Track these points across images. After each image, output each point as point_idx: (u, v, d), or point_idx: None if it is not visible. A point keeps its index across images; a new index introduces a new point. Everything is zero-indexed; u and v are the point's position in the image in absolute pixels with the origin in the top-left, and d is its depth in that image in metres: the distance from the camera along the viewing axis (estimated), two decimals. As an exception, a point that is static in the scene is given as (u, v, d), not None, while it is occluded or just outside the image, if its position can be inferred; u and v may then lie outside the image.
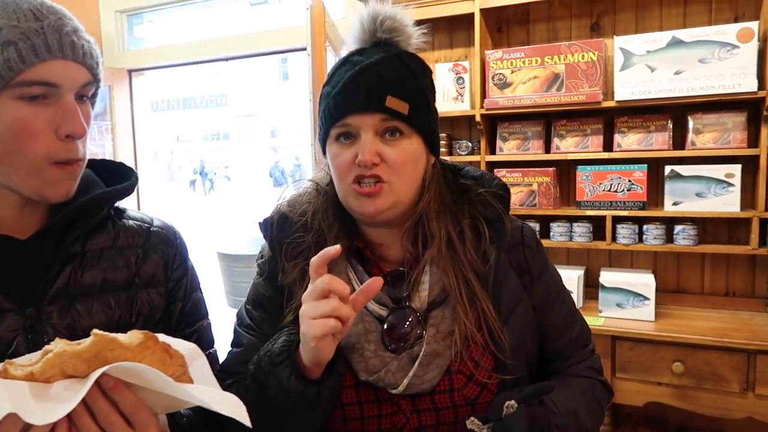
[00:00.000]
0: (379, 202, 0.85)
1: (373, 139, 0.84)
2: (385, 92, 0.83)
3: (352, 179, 0.85)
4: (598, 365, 1.02)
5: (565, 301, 1.01)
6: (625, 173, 2.32)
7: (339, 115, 0.85)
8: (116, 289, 0.88)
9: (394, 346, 0.87)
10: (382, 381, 0.86)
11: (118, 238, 0.91)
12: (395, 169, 0.85)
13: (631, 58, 2.22)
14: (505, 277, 0.92)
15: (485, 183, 0.95)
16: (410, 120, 0.86)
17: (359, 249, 0.93)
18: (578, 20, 2.51)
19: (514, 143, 2.54)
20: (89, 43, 0.79)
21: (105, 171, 0.96)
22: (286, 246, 0.93)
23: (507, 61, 2.41)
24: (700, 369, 2.08)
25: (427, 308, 0.89)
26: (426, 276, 0.90)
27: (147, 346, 0.64)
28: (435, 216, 0.91)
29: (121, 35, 3.77)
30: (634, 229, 2.34)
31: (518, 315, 0.91)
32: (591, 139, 2.41)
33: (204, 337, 0.99)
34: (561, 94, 2.33)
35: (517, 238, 0.96)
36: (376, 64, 0.85)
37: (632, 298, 2.29)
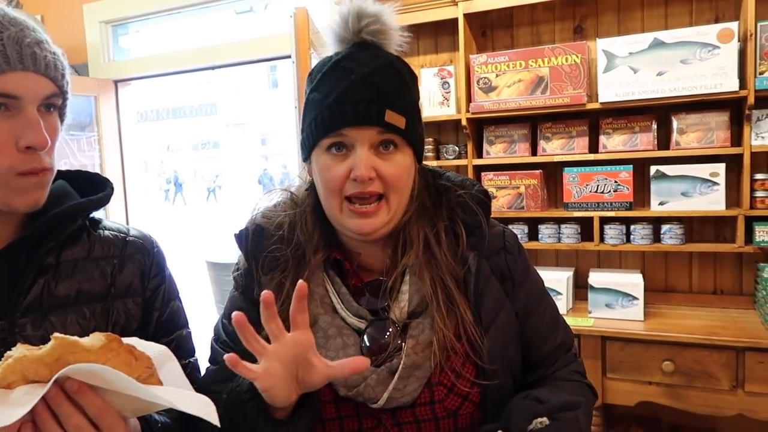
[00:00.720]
0: (376, 222, 0.84)
1: (368, 154, 0.82)
2: (385, 106, 0.81)
3: (346, 195, 0.83)
4: (582, 368, 1.02)
5: (547, 306, 1.00)
6: (611, 174, 2.34)
7: (335, 127, 0.82)
8: (91, 300, 0.87)
9: (374, 358, 0.85)
10: (361, 396, 0.84)
11: (93, 249, 0.90)
12: (390, 184, 0.83)
13: (614, 60, 2.23)
14: (487, 284, 0.90)
15: (466, 187, 0.93)
16: (406, 134, 0.84)
17: (338, 260, 0.91)
18: (561, 23, 2.53)
19: (501, 146, 2.55)
20: (54, 54, 0.79)
21: (80, 182, 0.96)
22: (263, 259, 0.91)
23: (491, 65, 2.42)
24: (690, 367, 2.09)
25: (406, 318, 0.87)
26: (405, 285, 0.89)
27: (110, 348, 0.63)
28: (415, 221, 0.89)
29: (107, 46, 3.75)
30: (622, 229, 2.35)
31: (501, 322, 0.90)
32: (577, 140, 2.42)
33: (183, 346, 0.98)
34: (546, 97, 2.34)
35: (499, 243, 0.95)
36: (372, 74, 0.82)
37: (621, 298, 2.29)
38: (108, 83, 3.72)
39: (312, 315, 0.87)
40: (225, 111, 29.91)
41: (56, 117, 0.82)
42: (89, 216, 0.93)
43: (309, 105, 0.87)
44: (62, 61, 0.81)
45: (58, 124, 0.82)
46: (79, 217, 0.89)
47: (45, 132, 0.76)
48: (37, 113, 0.77)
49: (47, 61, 0.77)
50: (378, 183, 0.83)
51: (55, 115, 0.81)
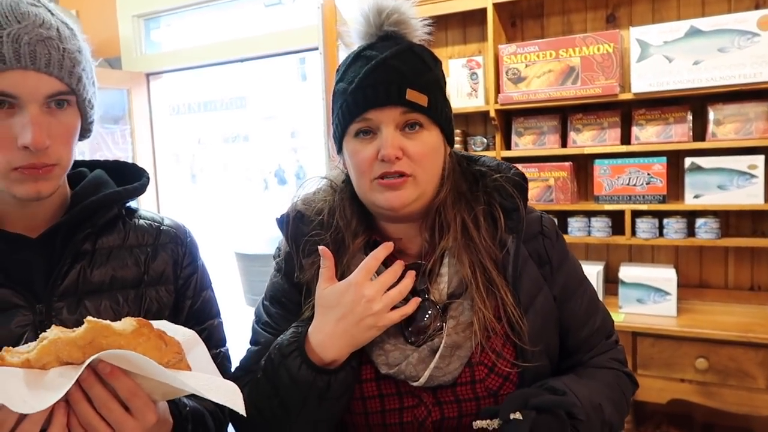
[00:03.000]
0: (404, 195, 0.85)
1: (394, 133, 0.84)
2: (405, 85, 0.83)
3: (374, 176, 0.85)
4: (622, 356, 1.00)
5: (586, 291, 0.99)
6: (643, 166, 2.28)
7: (358, 111, 0.84)
8: (125, 286, 0.89)
9: (414, 339, 0.87)
10: (403, 373, 0.86)
11: (128, 237, 0.92)
12: (418, 162, 0.85)
13: (648, 48, 2.17)
14: (525, 266, 0.90)
15: (502, 171, 0.94)
16: (430, 112, 0.85)
17: (377, 242, 0.92)
18: (593, 12, 2.47)
19: (530, 138, 2.51)
20: (65, 51, 0.78)
21: (118, 172, 0.98)
22: (304, 243, 0.93)
23: (521, 55, 2.38)
24: (725, 365, 2.03)
25: (446, 300, 0.89)
26: (444, 268, 0.90)
27: (141, 333, 0.64)
28: (451, 205, 0.90)
29: (139, 39, 3.81)
30: (654, 223, 2.30)
31: (539, 305, 0.90)
32: (608, 132, 2.37)
33: (214, 335, 0.99)
34: (576, 88, 2.29)
35: (536, 228, 0.95)
36: (391, 58, 0.85)
37: (653, 293, 2.24)
38: (140, 76, 3.79)
39: None
40: (255, 104, 30.18)
41: (70, 114, 0.81)
42: (125, 205, 0.95)
43: (335, 96, 0.90)
44: (76, 57, 0.80)
45: (71, 121, 0.81)
46: (115, 206, 0.92)
47: (43, 132, 0.75)
48: (41, 112, 0.76)
49: (50, 59, 0.75)
50: (405, 162, 0.84)
51: (68, 111, 0.80)
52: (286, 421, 0.83)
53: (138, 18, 3.80)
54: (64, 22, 0.81)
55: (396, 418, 0.87)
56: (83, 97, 0.82)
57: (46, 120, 0.76)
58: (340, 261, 0.91)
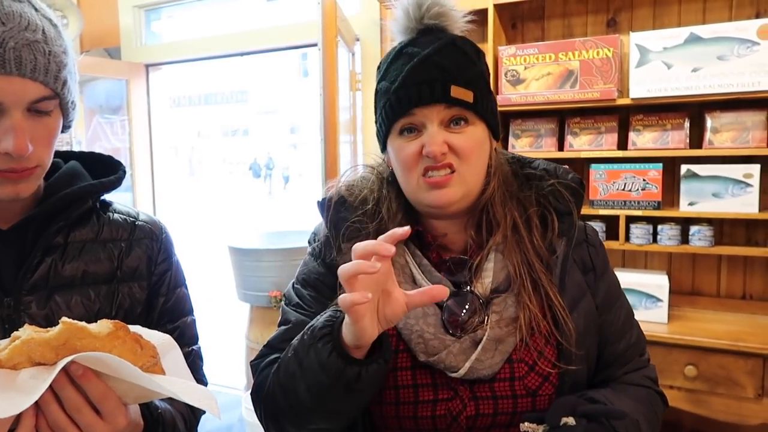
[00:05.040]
0: (450, 192, 0.85)
1: (439, 130, 0.84)
2: (449, 82, 0.83)
3: (420, 171, 0.85)
4: (654, 375, 0.99)
5: (623, 304, 0.99)
6: (639, 172, 2.28)
7: (402, 111, 0.85)
8: (97, 281, 0.88)
9: (453, 331, 0.86)
10: (442, 363, 0.85)
11: (102, 231, 0.91)
12: (464, 158, 0.85)
13: (648, 54, 2.17)
14: (570, 271, 0.90)
15: (559, 175, 0.93)
16: (476, 107, 0.85)
17: (419, 232, 0.92)
18: (594, 16, 2.47)
19: (527, 140, 2.51)
20: (50, 54, 0.76)
21: (93, 163, 0.96)
22: (345, 228, 0.93)
23: (520, 57, 2.38)
24: (714, 373, 2.03)
25: (489, 295, 0.88)
26: (490, 263, 0.89)
27: (117, 335, 0.64)
28: (500, 203, 0.90)
29: (139, 30, 3.80)
30: (648, 229, 2.29)
31: (582, 310, 0.90)
32: (605, 137, 2.37)
33: (186, 333, 0.98)
34: (575, 91, 2.29)
35: (581, 235, 0.95)
36: (434, 54, 0.84)
37: (645, 299, 2.24)
38: (139, 67, 3.77)
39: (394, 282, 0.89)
40: (255, 99, 30.13)
41: (53, 116, 0.79)
42: (100, 198, 0.94)
43: (378, 95, 0.91)
44: (61, 59, 0.78)
45: (53, 123, 0.80)
46: (90, 199, 0.90)
47: (25, 138, 0.74)
48: (24, 117, 0.75)
49: (36, 64, 0.73)
50: (451, 157, 0.84)
51: (51, 115, 0.79)
52: (309, 405, 0.81)
53: (139, 8, 3.79)
54: (49, 19, 0.78)
55: (428, 411, 0.85)
56: (67, 99, 0.80)
57: (28, 125, 0.75)
58: None
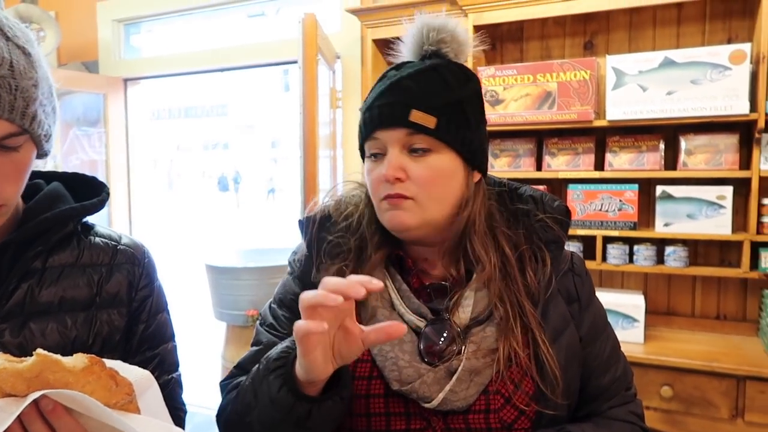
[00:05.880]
0: (404, 216, 0.83)
1: (398, 155, 0.82)
2: (410, 106, 0.81)
3: (381, 196, 0.84)
4: (640, 411, 0.96)
5: (610, 336, 0.96)
6: (616, 193, 2.30)
7: (367, 132, 0.85)
8: (75, 308, 0.85)
9: (429, 360, 0.84)
10: (415, 392, 0.82)
11: (82, 256, 0.88)
12: (421, 186, 0.82)
13: (624, 77, 2.21)
14: (552, 301, 0.88)
15: (546, 206, 0.90)
16: (438, 134, 0.82)
17: (399, 257, 0.90)
18: (572, 39, 2.51)
19: (506, 160, 2.53)
20: (16, 90, 0.72)
21: (76, 184, 0.94)
22: (327, 244, 0.91)
23: (499, 78, 2.40)
24: (690, 394, 2.04)
25: (468, 323, 0.86)
26: (471, 292, 0.86)
27: (92, 371, 0.62)
28: (479, 237, 0.86)
29: (118, 44, 3.76)
30: (625, 249, 2.32)
31: (564, 342, 0.87)
32: (582, 157, 2.40)
33: (167, 360, 0.96)
34: (553, 112, 2.31)
35: (567, 265, 0.93)
36: (406, 78, 0.83)
37: (621, 319, 2.26)
38: (117, 81, 3.73)
39: (370, 308, 0.87)
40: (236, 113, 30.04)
41: (22, 151, 0.76)
42: (81, 221, 0.92)
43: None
44: (30, 94, 0.74)
45: (23, 158, 0.76)
46: (70, 222, 0.88)
47: None
48: None
49: (0, 102, 0.70)
50: (409, 185, 0.82)
51: (20, 150, 0.76)
52: None
53: (118, 22, 3.76)
54: (21, 47, 0.74)
55: None
56: (37, 133, 0.77)
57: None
58: (360, 268, 0.89)
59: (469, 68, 0.89)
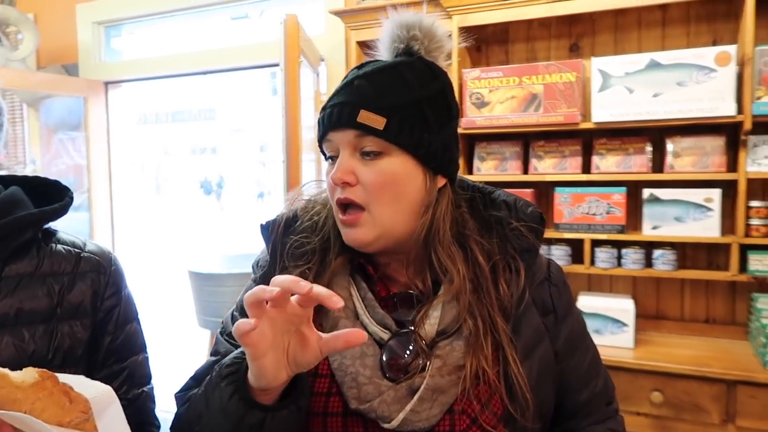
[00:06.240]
0: (360, 233, 0.78)
1: (348, 158, 0.78)
2: (359, 106, 0.77)
3: (334, 201, 0.80)
4: (621, 428, 0.91)
5: (589, 348, 0.91)
6: (603, 196, 2.28)
7: (321, 133, 0.82)
8: (33, 320, 0.80)
9: (392, 376, 0.78)
10: (374, 412, 0.76)
11: (42, 264, 0.84)
12: (371, 192, 0.77)
13: (609, 79, 2.18)
14: (526, 313, 0.82)
15: (519, 212, 0.85)
16: (387, 136, 0.77)
17: (362, 265, 0.85)
18: (557, 41, 2.48)
19: (492, 163, 2.49)
20: None
21: (38, 188, 0.89)
22: (290, 246, 0.87)
23: (485, 80, 2.37)
24: (680, 399, 2.02)
25: (434, 337, 0.80)
26: (439, 303, 0.81)
27: (43, 386, 0.57)
28: (445, 249, 0.81)
29: (98, 47, 3.69)
30: (613, 253, 2.29)
31: (537, 357, 0.82)
32: (569, 160, 2.37)
33: (137, 373, 0.91)
34: (539, 115, 2.29)
35: (542, 273, 0.87)
36: (362, 77, 0.79)
37: (611, 324, 2.23)
38: (98, 84, 3.67)
39: (332, 318, 0.82)
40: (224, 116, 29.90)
41: None
42: (42, 228, 0.87)
43: None
44: None
45: None
46: (30, 229, 0.83)
47: None
48: None
49: None
50: (359, 190, 0.78)
51: None
52: None
53: (98, 25, 3.69)
54: None
55: None
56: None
57: None
58: (323, 271, 0.84)
59: (438, 66, 0.84)
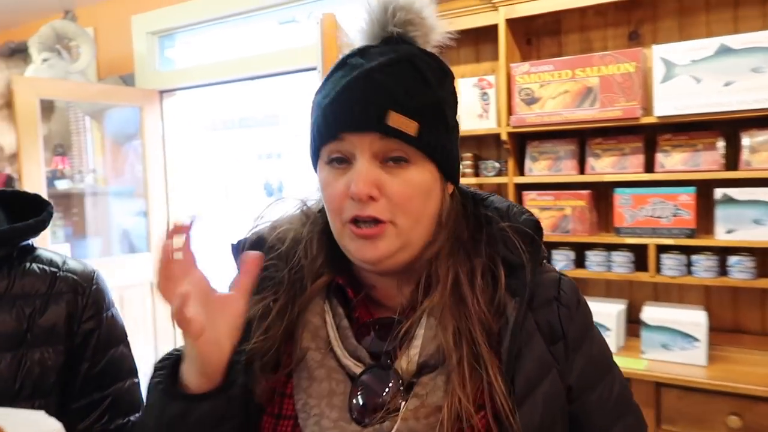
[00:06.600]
0: (381, 246, 0.67)
1: (369, 166, 0.66)
2: (387, 106, 0.65)
3: (347, 218, 0.67)
4: None
5: (615, 381, 0.76)
6: (669, 197, 2.07)
7: (330, 133, 0.67)
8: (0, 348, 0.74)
9: (360, 417, 0.66)
10: None
11: (12, 286, 0.78)
12: (399, 206, 0.67)
13: (674, 68, 1.98)
14: (528, 342, 0.69)
15: (511, 217, 0.74)
16: (419, 143, 0.66)
17: (341, 287, 0.74)
18: (614, 29, 2.29)
19: (545, 163, 2.33)
20: None
21: (16, 204, 0.84)
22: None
23: (534, 74, 2.21)
24: (761, 424, 1.79)
25: (416, 372, 0.68)
26: (421, 329, 0.69)
27: None
28: (445, 257, 0.71)
29: (153, 56, 3.77)
30: (682, 259, 2.07)
31: (540, 395, 0.68)
32: (630, 158, 2.17)
33: (123, 400, 0.84)
34: (594, 110, 2.10)
35: (551, 292, 0.73)
36: (378, 70, 0.66)
37: (680, 338, 2.02)
38: (153, 93, 3.73)
39: (301, 349, 0.71)
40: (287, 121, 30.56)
41: None
42: (18, 245, 0.81)
43: (312, 110, 0.73)
44: None
45: None
46: (3, 247, 0.77)
47: None
48: None
49: None
50: (383, 204, 0.66)
51: None
52: None
53: (152, 35, 3.76)
54: None
55: None
56: None
57: None
58: (293, 303, 0.73)
59: (443, 60, 0.73)
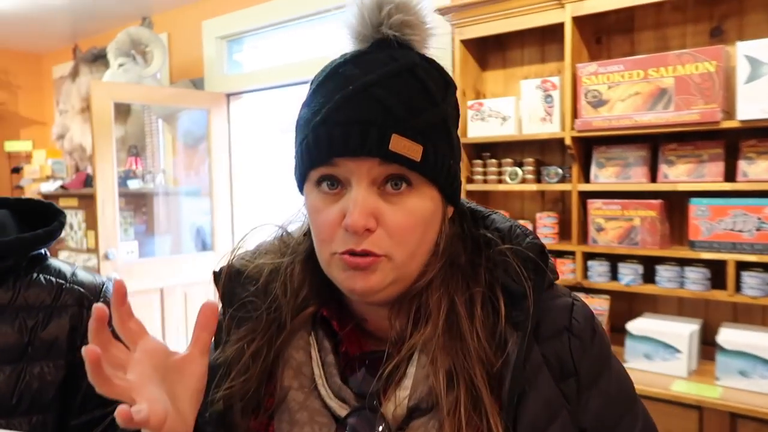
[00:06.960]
0: (373, 279, 0.60)
1: (366, 195, 0.58)
2: (390, 129, 0.57)
3: (338, 250, 0.60)
4: None
5: (638, 420, 0.67)
6: (752, 209, 1.88)
7: (321, 157, 0.59)
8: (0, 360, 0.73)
9: None
10: None
11: (17, 297, 0.76)
12: (397, 238, 0.60)
13: (761, 67, 1.79)
14: (534, 380, 0.61)
15: (513, 238, 0.65)
16: (423, 168, 0.59)
17: (326, 319, 0.67)
18: (694, 25, 2.11)
19: (613, 170, 2.18)
20: None
21: (28, 212, 0.82)
22: (235, 310, 0.69)
23: (602, 75, 2.07)
24: None
25: (407, 414, 0.60)
26: (412, 368, 0.62)
27: None
28: (438, 285, 0.63)
29: (221, 60, 3.86)
30: (765, 278, 1.88)
31: None
32: (708, 166, 1.99)
33: None
34: (669, 113, 1.94)
35: (562, 321, 0.65)
36: (377, 83, 0.58)
37: (760, 365, 1.83)
38: (220, 96, 3.82)
39: (282, 388, 0.65)
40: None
41: None
42: (27, 255, 0.79)
43: (297, 125, 0.65)
44: None
45: None
46: (10, 257, 0.76)
47: None
48: None
49: None
50: (379, 236, 0.59)
51: None
52: None
53: (221, 39, 3.86)
54: None
55: None
56: None
57: None
58: (271, 343, 0.66)
59: (442, 67, 0.64)
